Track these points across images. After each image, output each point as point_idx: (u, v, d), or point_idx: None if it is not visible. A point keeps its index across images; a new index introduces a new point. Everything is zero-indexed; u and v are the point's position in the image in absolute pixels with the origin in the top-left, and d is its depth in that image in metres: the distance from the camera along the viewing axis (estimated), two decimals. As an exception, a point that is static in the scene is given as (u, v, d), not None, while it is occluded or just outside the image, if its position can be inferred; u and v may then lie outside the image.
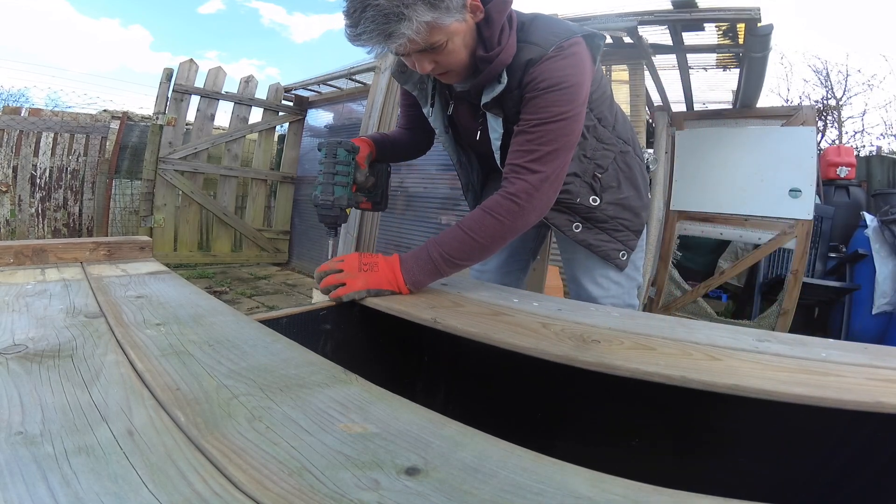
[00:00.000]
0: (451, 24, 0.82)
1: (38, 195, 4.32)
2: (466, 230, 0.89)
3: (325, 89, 4.94)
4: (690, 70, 3.09)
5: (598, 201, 1.07)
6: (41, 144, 4.26)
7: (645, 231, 1.18)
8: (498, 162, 1.00)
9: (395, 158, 1.19)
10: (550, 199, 0.93)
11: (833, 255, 3.47)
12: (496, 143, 0.98)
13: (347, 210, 0.98)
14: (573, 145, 0.92)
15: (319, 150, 1.00)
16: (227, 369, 0.49)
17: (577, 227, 1.09)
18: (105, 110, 5.00)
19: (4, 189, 4.11)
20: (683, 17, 2.41)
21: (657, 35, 2.70)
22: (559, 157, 0.90)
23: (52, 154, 4.33)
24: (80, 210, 4.54)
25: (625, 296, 1.16)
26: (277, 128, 5.16)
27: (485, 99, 0.93)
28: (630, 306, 1.17)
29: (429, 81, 1.05)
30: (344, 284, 0.86)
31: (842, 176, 3.86)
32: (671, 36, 2.64)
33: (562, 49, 0.87)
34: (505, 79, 0.89)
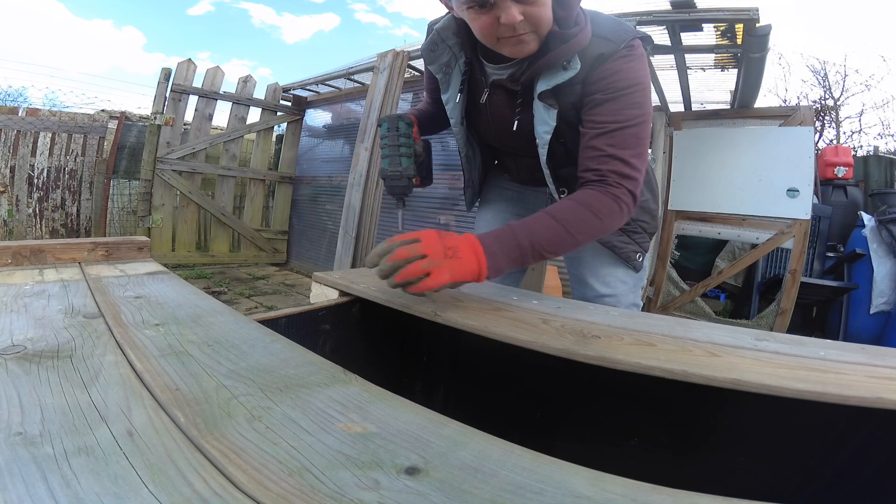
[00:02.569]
0: None
1: (35, 195, 4.31)
2: (562, 223, 0.81)
3: (323, 89, 4.94)
4: (688, 70, 3.10)
5: None
6: (39, 144, 4.25)
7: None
8: (543, 158, 0.94)
9: (430, 132, 1.17)
10: (637, 203, 0.90)
11: (831, 254, 3.48)
12: (545, 137, 0.91)
13: (415, 180, 0.98)
14: (648, 147, 0.91)
15: (379, 125, 1.01)
16: (226, 369, 0.49)
17: None
18: (103, 110, 4.99)
19: (2, 189, 4.10)
20: (682, 18, 2.42)
21: (655, 35, 2.70)
22: (642, 159, 0.87)
23: (50, 154, 4.32)
24: (78, 210, 4.53)
25: (630, 294, 1.15)
26: (276, 128, 5.16)
27: (543, 86, 0.86)
28: (634, 305, 1.17)
29: (457, 66, 0.97)
30: (428, 275, 0.71)
31: (839, 176, 3.87)
32: (669, 36, 2.64)
33: (633, 48, 0.84)
34: (577, 65, 0.83)
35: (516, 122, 0.94)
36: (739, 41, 2.61)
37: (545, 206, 1.19)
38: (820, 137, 7.63)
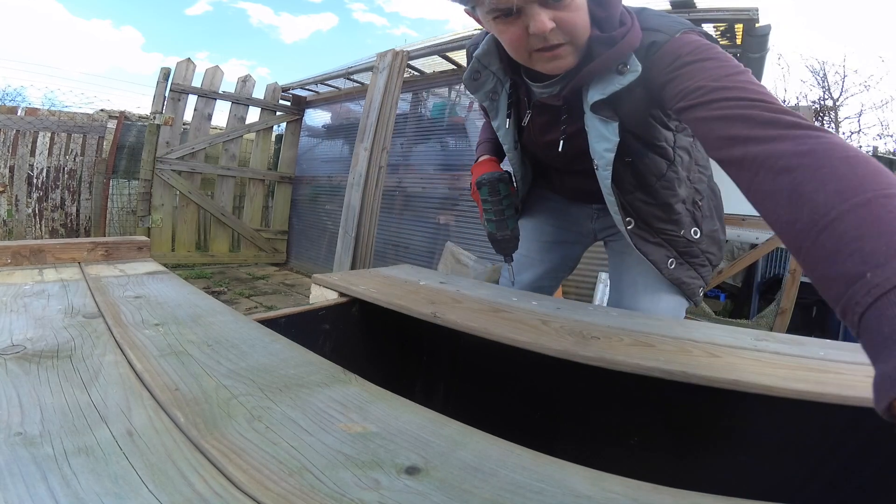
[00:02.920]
0: None
1: (35, 195, 4.30)
2: (880, 208, 0.44)
3: (322, 89, 4.94)
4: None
5: (699, 234, 0.93)
6: (38, 144, 4.25)
7: None
8: (605, 181, 0.81)
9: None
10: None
11: (830, 254, 3.48)
12: (608, 157, 0.77)
13: (519, 237, 1.00)
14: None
15: (479, 187, 0.97)
16: (226, 369, 0.49)
17: (671, 264, 0.93)
18: (102, 110, 4.99)
19: (1, 189, 4.10)
20: (681, 17, 2.42)
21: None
22: (776, 106, 0.56)
23: (50, 154, 4.31)
24: (78, 210, 4.53)
25: (676, 310, 1.00)
26: (275, 127, 5.16)
27: (596, 96, 0.74)
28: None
29: (503, 91, 0.89)
30: None
31: (839, 175, 3.87)
32: (669, 36, 2.64)
33: (688, 33, 0.71)
34: (637, 66, 0.70)
35: (562, 142, 0.84)
36: (739, 41, 2.61)
37: (589, 221, 1.08)
38: (819, 137, 7.62)
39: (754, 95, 0.57)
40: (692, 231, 0.92)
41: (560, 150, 0.85)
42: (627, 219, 0.88)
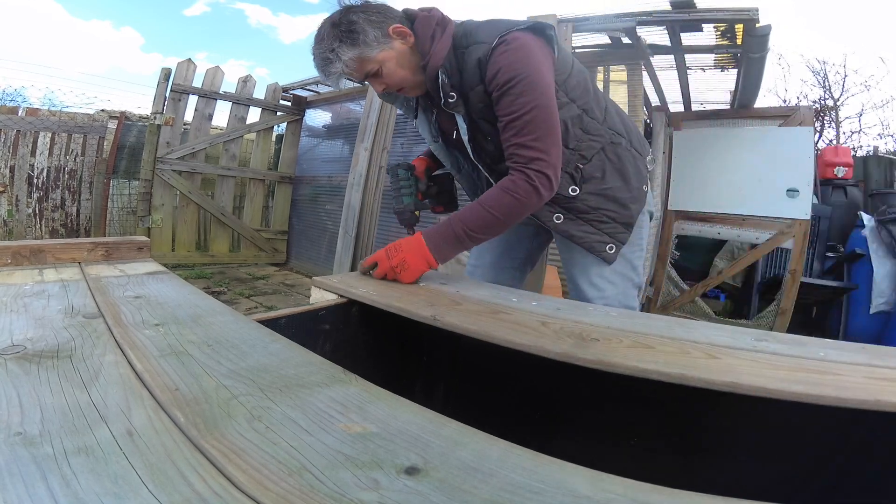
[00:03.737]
0: (377, 54, 0.96)
1: (35, 195, 4.30)
2: (486, 207, 0.98)
3: (323, 89, 4.94)
4: (688, 70, 3.10)
5: (578, 191, 1.09)
6: (38, 144, 4.25)
7: (643, 228, 1.17)
8: (471, 154, 1.09)
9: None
10: (556, 179, 1.00)
11: (830, 254, 3.48)
12: (465, 138, 1.06)
13: (416, 213, 1.21)
14: (555, 127, 0.98)
15: (388, 173, 1.25)
16: (226, 369, 0.49)
17: (557, 218, 1.11)
18: (103, 110, 4.99)
19: (1, 189, 4.10)
20: (682, 18, 2.42)
21: (655, 35, 2.71)
22: (545, 140, 0.97)
23: (50, 154, 4.31)
24: (78, 210, 4.53)
25: (620, 296, 1.14)
26: (275, 128, 5.16)
27: (444, 101, 1.02)
28: (627, 308, 1.14)
29: (413, 98, 1.15)
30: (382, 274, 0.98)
31: (839, 176, 3.87)
32: (669, 36, 2.65)
33: (506, 42, 0.94)
34: (444, 78, 0.99)
35: (455, 132, 1.10)
36: (739, 41, 2.61)
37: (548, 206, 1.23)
38: (820, 138, 7.63)
39: (515, 140, 0.97)
40: (569, 189, 1.09)
41: (455, 137, 1.10)
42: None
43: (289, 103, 5.06)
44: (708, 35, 2.63)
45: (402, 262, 0.97)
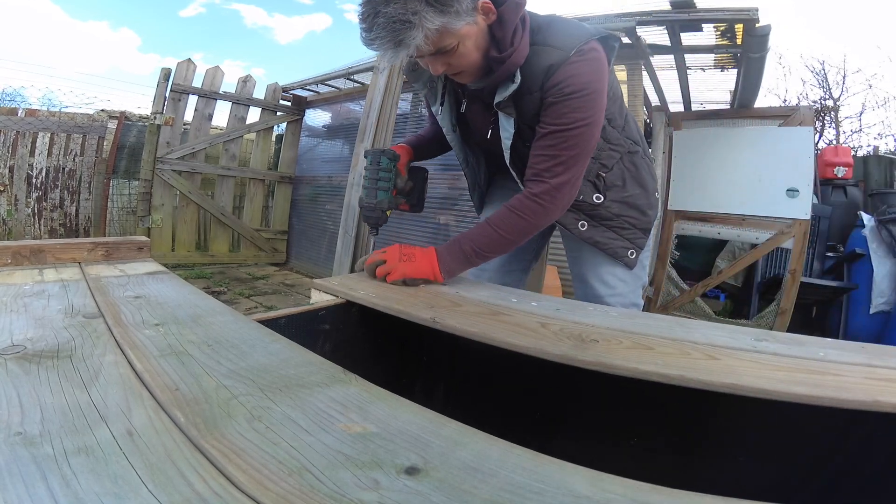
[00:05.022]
0: (461, 27, 0.83)
1: (34, 195, 4.30)
2: (493, 226, 0.97)
3: (323, 89, 4.93)
4: (688, 70, 3.10)
5: (602, 199, 1.09)
6: (38, 144, 4.24)
7: (655, 231, 1.18)
8: (507, 160, 1.02)
9: (431, 156, 1.25)
10: (569, 201, 0.99)
11: (830, 254, 3.48)
12: (506, 143, 0.99)
13: (388, 212, 1.07)
14: (592, 150, 0.97)
15: (365, 157, 1.08)
16: (226, 369, 0.49)
17: (582, 225, 1.11)
18: (102, 110, 4.98)
19: (1, 189, 4.10)
20: (681, 18, 2.42)
21: (655, 35, 2.70)
22: (579, 162, 0.95)
23: (49, 154, 4.31)
24: (77, 210, 4.53)
25: (630, 294, 1.16)
26: (275, 128, 5.16)
27: (497, 98, 0.94)
28: (634, 305, 1.17)
29: (439, 80, 1.06)
30: (389, 273, 0.95)
31: (839, 176, 3.88)
32: (669, 36, 2.64)
33: (582, 53, 0.89)
34: (518, 78, 0.90)
35: (490, 131, 1.03)
36: (739, 41, 2.61)
37: (573, 213, 1.22)
38: (820, 137, 7.64)
39: (550, 152, 0.93)
40: (594, 197, 1.09)
41: (489, 136, 1.03)
42: None
43: (289, 103, 5.05)
44: (708, 35, 2.62)
45: (412, 254, 0.96)
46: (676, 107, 3.58)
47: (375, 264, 0.97)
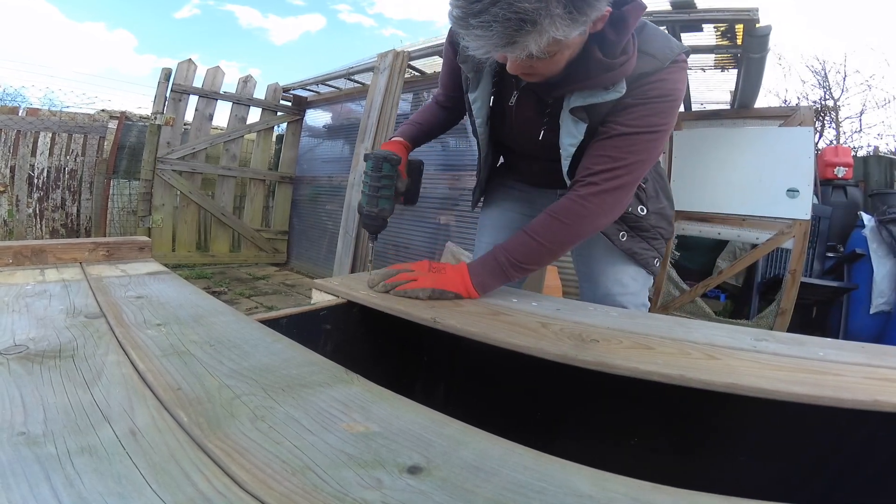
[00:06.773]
0: (574, 37, 0.72)
1: (35, 195, 4.30)
2: (532, 234, 0.89)
3: (323, 89, 4.94)
4: (688, 70, 3.09)
5: (646, 211, 1.07)
6: (39, 144, 4.25)
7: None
8: (564, 169, 0.94)
9: (427, 141, 1.19)
10: (619, 211, 0.93)
11: (831, 254, 3.48)
12: (570, 150, 0.91)
13: (387, 219, 1.03)
14: (655, 160, 0.92)
15: (365, 160, 1.02)
16: (228, 369, 0.49)
17: (623, 236, 1.07)
18: (103, 110, 4.99)
19: (2, 189, 4.10)
20: (682, 18, 2.42)
21: (655, 35, 2.70)
22: (640, 169, 0.89)
23: (50, 154, 4.31)
24: (78, 210, 4.53)
25: (641, 294, 1.14)
26: (276, 128, 5.16)
27: (577, 102, 0.85)
28: (643, 305, 1.15)
29: (487, 66, 0.94)
30: (414, 280, 0.88)
31: (839, 176, 3.87)
32: (669, 36, 2.64)
33: (677, 63, 0.85)
34: (623, 88, 0.82)
35: (542, 132, 0.94)
36: (739, 41, 2.61)
37: (616, 225, 1.18)
38: (820, 138, 7.64)
39: (616, 154, 0.86)
40: (639, 209, 1.06)
41: (540, 137, 0.95)
42: None
43: (289, 103, 5.06)
44: (708, 35, 2.63)
45: (442, 268, 0.90)
46: (676, 107, 3.57)
47: (399, 272, 0.90)
